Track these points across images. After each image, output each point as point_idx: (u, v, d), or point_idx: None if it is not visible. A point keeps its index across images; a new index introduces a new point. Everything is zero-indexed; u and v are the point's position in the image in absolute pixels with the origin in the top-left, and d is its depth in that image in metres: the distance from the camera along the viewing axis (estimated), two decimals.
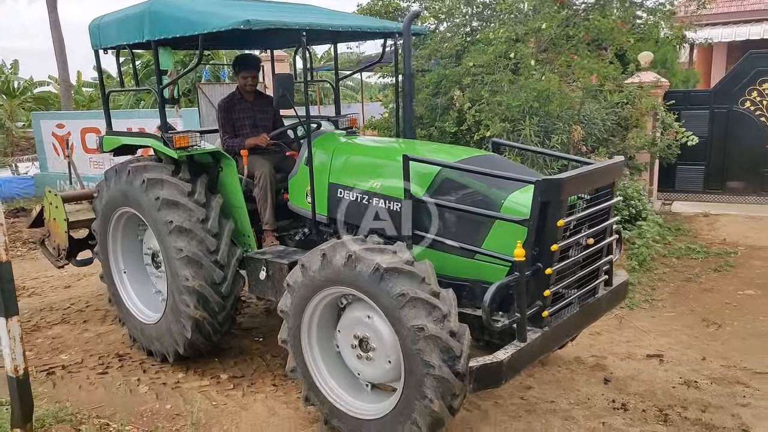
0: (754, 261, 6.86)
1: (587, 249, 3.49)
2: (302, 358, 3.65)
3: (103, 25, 4.78)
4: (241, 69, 5.01)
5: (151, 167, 4.49)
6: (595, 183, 3.46)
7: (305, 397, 3.72)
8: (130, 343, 5.13)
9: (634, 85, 9.18)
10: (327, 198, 4.18)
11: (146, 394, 4.34)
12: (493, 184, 3.50)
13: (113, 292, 5.15)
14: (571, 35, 7.89)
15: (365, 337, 3.40)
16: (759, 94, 9.18)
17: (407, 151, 3.72)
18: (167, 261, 4.37)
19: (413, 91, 4.58)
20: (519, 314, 3.09)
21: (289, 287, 3.58)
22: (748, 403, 3.88)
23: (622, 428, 3.64)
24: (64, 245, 5.74)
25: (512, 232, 3.19)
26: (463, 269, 3.51)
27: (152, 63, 18.25)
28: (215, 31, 3.83)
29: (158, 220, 4.32)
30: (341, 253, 3.28)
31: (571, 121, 7.41)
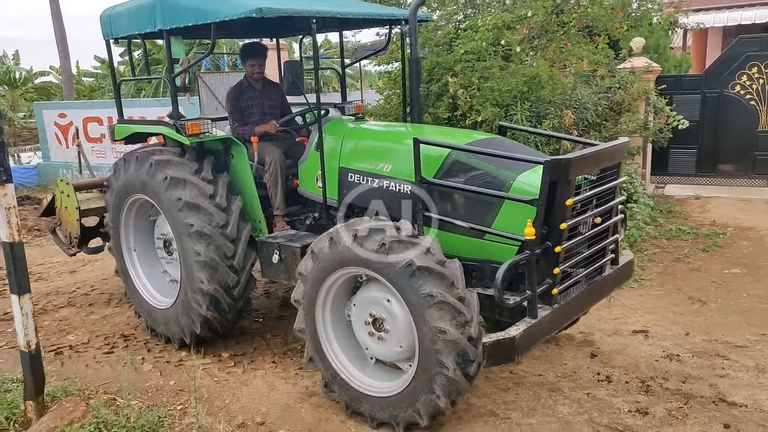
0: (741, 241, 7.03)
1: (594, 228, 3.58)
2: (314, 323, 3.73)
3: (115, 15, 4.85)
4: (248, 57, 5.06)
5: (174, 163, 4.50)
6: (601, 163, 3.53)
7: (309, 358, 3.83)
8: (134, 317, 5.31)
9: (626, 70, 9.30)
10: (338, 182, 4.26)
11: (151, 372, 4.52)
12: (501, 165, 3.57)
13: (122, 268, 5.23)
14: (565, 22, 8.00)
15: (381, 318, 3.49)
16: (749, 78, 9.30)
17: (416, 134, 3.80)
18: (183, 258, 4.46)
19: (420, 77, 4.62)
20: (530, 291, 3.17)
21: (313, 254, 3.60)
22: (726, 374, 4.06)
23: (606, 398, 3.82)
24: (76, 233, 5.83)
25: (521, 211, 3.28)
26: (473, 249, 3.60)
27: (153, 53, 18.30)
28: (227, 19, 3.88)
29: (178, 220, 4.37)
30: (375, 238, 3.31)
31: (562, 106, 7.54)
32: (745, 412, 3.60)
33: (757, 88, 9.30)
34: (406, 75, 5.04)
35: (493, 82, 7.02)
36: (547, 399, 3.85)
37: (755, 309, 5.18)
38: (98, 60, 23.15)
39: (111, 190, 5.03)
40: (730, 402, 3.70)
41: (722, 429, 3.43)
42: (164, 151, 4.60)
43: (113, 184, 4.97)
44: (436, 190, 3.66)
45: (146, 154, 4.61)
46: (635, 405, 3.71)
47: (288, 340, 4.95)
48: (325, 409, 3.86)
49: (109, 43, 5.08)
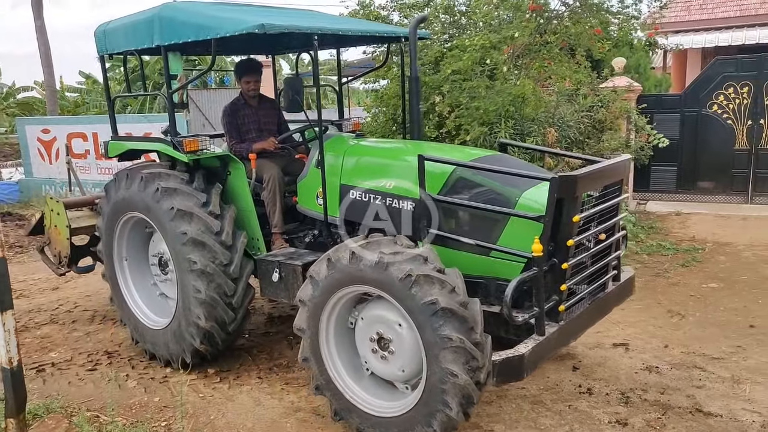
0: (719, 256, 7.17)
1: (599, 244, 3.58)
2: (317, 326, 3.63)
3: (110, 30, 4.79)
4: (244, 74, 5.04)
5: (165, 175, 4.46)
6: (606, 180, 3.54)
7: (304, 358, 3.75)
8: (131, 343, 5.13)
9: (608, 89, 9.51)
10: (338, 199, 4.21)
11: (135, 388, 4.50)
12: (505, 182, 3.58)
13: (116, 293, 5.11)
14: (548, 42, 8.18)
15: (388, 339, 3.44)
16: (725, 98, 9.54)
17: (418, 151, 3.80)
18: (181, 289, 4.39)
19: (420, 94, 4.63)
20: (537, 308, 3.16)
21: (330, 262, 3.49)
22: (703, 385, 4.14)
23: (587, 410, 3.88)
24: (66, 252, 5.72)
25: (527, 228, 3.28)
26: (477, 266, 3.57)
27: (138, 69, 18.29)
28: (228, 35, 3.86)
29: (181, 253, 4.29)
30: (371, 255, 3.28)
31: (546, 123, 7.69)
32: (721, 422, 3.68)
33: (733, 108, 9.53)
34: (405, 92, 5.00)
35: (479, 101, 7.16)
36: (529, 411, 3.90)
37: (731, 322, 5.29)
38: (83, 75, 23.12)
39: (108, 203, 4.91)
40: (707, 412, 3.78)
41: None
42: (171, 176, 4.47)
43: (111, 197, 4.87)
44: (440, 207, 3.64)
45: (151, 176, 4.48)
46: (615, 416, 3.78)
47: (274, 356, 4.96)
48: (311, 423, 3.88)
49: (103, 59, 5.04)
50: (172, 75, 4.50)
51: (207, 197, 4.37)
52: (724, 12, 14.49)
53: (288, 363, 4.80)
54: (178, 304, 4.47)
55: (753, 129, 9.44)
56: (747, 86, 9.36)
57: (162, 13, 4.28)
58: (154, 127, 11.41)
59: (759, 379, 4.22)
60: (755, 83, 9.30)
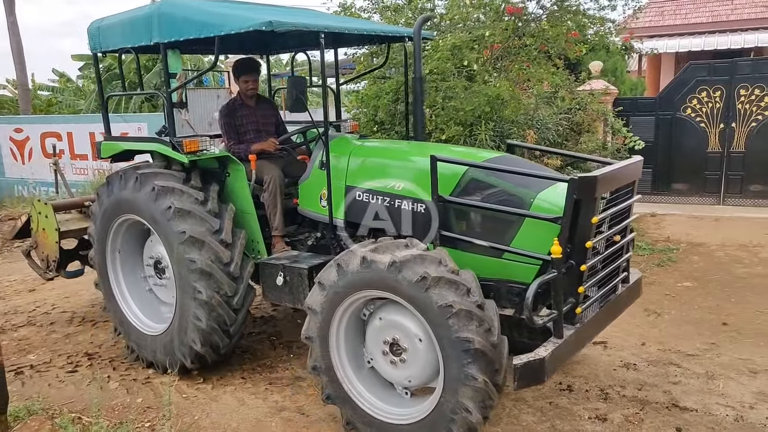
0: (693, 256, 7.35)
1: (613, 246, 3.55)
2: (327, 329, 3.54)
3: (104, 27, 4.65)
4: (242, 73, 4.92)
5: (161, 175, 4.35)
6: (621, 181, 3.50)
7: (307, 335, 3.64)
8: (126, 354, 4.94)
9: (585, 92, 9.69)
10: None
11: (117, 390, 4.47)
12: (519, 183, 3.53)
13: (110, 300, 4.95)
14: (527, 44, 8.31)
15: (403, 348, 3.37)
16: (699, 102, 9.77)
17: (424, 152, 3.75)
18: (178, 272, 4.26)
19: (423, 94, 4.56)
20: (555, 311, 3.12)
21: (340, 268, 3.40)
22: (678, 381, 4.26)
23: (567, 407, 3.96)
24: (55, 256, 5.53)
25: (542, 230, 3.26)
26: (490, 269, 3.51)
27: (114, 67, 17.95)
28: (233, 33, 3.76)
29: (169, 230, 4.18)
30: (383, 258, 3.22)
31: (525, 125, 7.80)
32: (696, 416, 3.79)
33: (706, 111, 9.77)
34: (409, 92, 4.91)
35: (456, 102, 7.24)
36: (512, 408, 3.97)
37: (705, 320, 5.43)
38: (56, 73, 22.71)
39: (100, 207, 4.75)
40: (682, 407, 3.89)
41: None
42: (167, 175, 4.35)
43: (104, 200, 4.71)
44: (452, 209, 3.59)
45: (146, 176, 4.37)
46: (595, 412, 3.86)
47: (257, 356, 4.96)
48: (296, 422, 3.90)
49: (96, 57, 4.92)
50: (172, 73, 4.36)
51: (205, 195, 4.29)
52: (697, 18, 14.84)
53: (271, 363, 4.81)
54: (177, 307, 4.35)
55: (725, 132, 9.68)
56: (719, 90, 9.60)
57: (162, 10, 4.16)
58: (131, 127, 11.29)
59: (732, 374, 4.35)
60: (727, 87, 9.54)
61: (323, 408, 4.04)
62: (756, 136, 9.54)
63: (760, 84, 9.35)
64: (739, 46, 13.57)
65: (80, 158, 12.07)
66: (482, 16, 8.32)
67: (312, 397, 4.20)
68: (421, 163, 3.72)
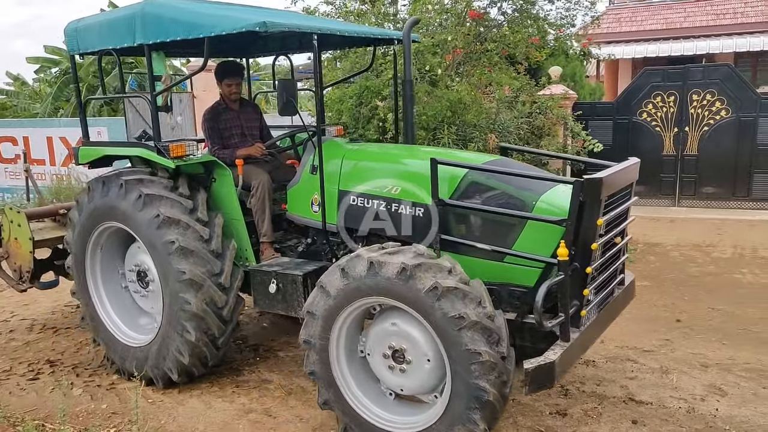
0: (650, 256, 7.61)
1: (614, 248, 3.55)
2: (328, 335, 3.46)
3: (83, 28, 4.47)
4: (225, 76, 4.80)
5: (147, 182, 4.19)
6: (623, 183, 3.49)
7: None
8: (107, 366, 4.78)
9: (545, 96, 9.92)
10: (337, 206, 4.05)
11: (81, 396, 4.42)
12: (520, 186, 3.49)
13: (90, 311, 4.75)
14: (489, 49, 8.48)
15: (402, 349, 3.32)
16: (654, 107, 10.12)
17: (420, 155, 3.71)
18: (165, 282, 4.12)
19: (413, 98, 4.49)
20: (562, 314, 3.09)
21: (344, 272, 3.30)
22: (635, 376, 4.43)
23: (529, 403, 4.08)
24: (28, 267, 5.25)
25: (545, 232, 3.24)
26: (491, 272, 3.46)
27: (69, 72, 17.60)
28: (224, 34, 3.65)
29: (156, 239, 4.04)
30: (392, 265, 3.13)
31: (487, 129, 7.96)
32: (651, 409, 3.95)
33: (661, 116, 10.12)
34: (398, 96, 4.84)
35: (419, 107, 7.34)
36: None
37: (660, 317, 5.65)
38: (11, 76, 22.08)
39: (80, 214, 4.57)
40: (638, 401, 4.05)
41: (631, 425, 3.76)
42: (154, 183, 4.19)
43: (84, 206, 4.53)
44: (452, 212, 3.55)
45: (132, 182, 4.20)
46: (555, 407, 3.99)
47: (224, 359, 4.94)
48: (263, 424, 3.92)
49: (74, 59, 4.77)
50: (156, 76, 4.23)
51: (194, 203, 4.17)
52: (652, 25, 15.34)
53: (238, 366, 4.81)
54: (164, 319, 4.21)
55: (679, 136, 10.05)
56: (673, 95, 9.96)
57: (146, 10, 4.02)
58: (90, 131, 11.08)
59: (684, 368, 4.54)
60: (680, 93, 9.91)
61: (290, 409, 4.07)
62: (708, 140, 9.93)
63: (711, 89, 9.74)
64: (692, 53, 14.08)
65: (37, 163, 11.77)
66: (444, 21, 8.46)
67: (279, 399, 4.23)
68: (418, 165, 3.70)
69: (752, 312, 5.74)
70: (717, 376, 4.40)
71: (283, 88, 3.88)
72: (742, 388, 4.21)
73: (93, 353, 5.13)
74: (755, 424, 3.75)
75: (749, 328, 5.38)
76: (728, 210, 9.91)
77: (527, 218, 3.33)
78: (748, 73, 15.07)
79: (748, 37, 13.82)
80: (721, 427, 3.72)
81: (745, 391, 4.16)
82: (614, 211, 3.42)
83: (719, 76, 9.73)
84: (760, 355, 4.76)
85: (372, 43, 5.07)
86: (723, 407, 3.95)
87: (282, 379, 4.55)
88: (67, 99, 16.99)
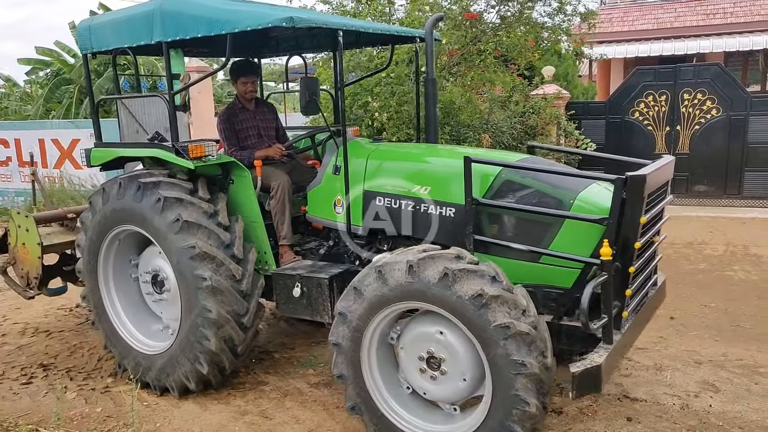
0: None
1: (650, 247, 3.47)
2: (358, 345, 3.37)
3: (96, 26, 4.38)
4: (241, 74, 4.70)
5: (167, 184, 4.05)
6: (661, 180, 3.39)
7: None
8: (119, 372, 4.65)
9: (538, 96, 9.97)
10: (362, 207, 3.95)
11: (75, 400, 4.39)
12: (555, 184, 3.40)
13: (101, 316, 4.62)
14: (482, 50, 8.52)
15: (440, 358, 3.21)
16: (646, 106, 10.18)
17: (448, 154, 3.62)
18: (184, 288, 3.98)
19: (437, 96, 4.42)
20: (605, 315, 3.00)
21: (381, 274, 3.18)
22: (629, 373, 4.45)
23: None
24: (36, 273, 5.10)
25: (584, 232, 3.16)
26: (526, 274, 3.36)
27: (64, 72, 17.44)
28: (249, 29, 3.54)
29: (175, 244, 3.91)
30: (433, 270, 3.02)
31: (480, 129, 8.00)
32: (645, 406, 3.97)
33: (653, 115, 10.18)
34: (420, 94, 4.78)
35: (411, 107, 7.37)
36: None
37: (654, 315, 5.66)
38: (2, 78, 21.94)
39: (93, 216, 4.43)
40: (633, 398, 4.07)
41: (625, 422, 3.78)
42: (173, 185, 4.06)
43: (98, 208, 4.38)
44: (485, 212, 3.45)
45: (151, 185, 4.06)
46: (552, 406, 3.99)
47: None
48: (259, 426, 3.92)
49: (86, 58, 4.62)
50: (174, 74, 4.12)
51: (215, 207, 4.06)
52: (643, 25, 15.43)
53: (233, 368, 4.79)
54: (182, 326, 4.08)
55: (671, 134, 10.12)
56: (665, 95, 10.02)
57: (165, 6, 3.91)
58: (83, 133, 11.03)
59: (678, 366, 4.57)
60: (672, 92, 9.98)
61: (286, 411, 4.07)
62: (699, 139, 10.00)
63: (702, 89, 9.81)
64: (683, 53, 14.17)
65: (28, 165, 11.72)
66: (441, 24, 8.49)
67: (275, 401, 4.23)
68: (449, 164, 3.65)
69: (744, 309, 5.79)
70: (710, 373, 4.43)
71: (306, 87, 3.77)
72: (735, 384, 4.24)
73: (87, 356, 5.11)
74: (748, 419, 3.78)
75: (741, 324, 5.42)
76: (720, 208, 9.99)
77: (567, 217, 3.23)
78: (738, 72, 15.20)
79: (738, 37, 13.93)
80: (715, 423, 3.74)
81: (738, 387, 4.20)
82: (654, 209, 3.35)
83: (710, 76, 9.81)
84: (752, 352, 4.80)
85: (393, 41, 4.96)
86: (716, 403, 3.98)
87: (278, 380, 4.54)
88: (59, 101, 16.90)
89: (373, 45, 5.36)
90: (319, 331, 5.42)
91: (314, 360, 4.87)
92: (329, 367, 4.64)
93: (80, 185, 10.95)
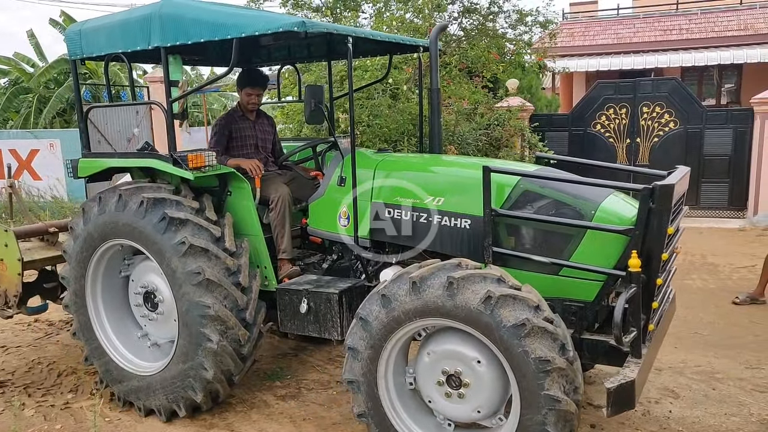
0: None
1: (672, 258, 3.41)
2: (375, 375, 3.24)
3: (87, 31, 4.19)
4: (248, 84, 4.59)
5: (172, 202, 3.83)
6: (682, 190, 3.34)
7: None
8: (100, 389, 4.46)
9: (503, 108, 10.15)
10: (369, 219, 3.79)
11: (33, 417, 4.26)
12: (575, 194, 3.31)
13: (86, 330, 4.35)
14: (448, 63, 8.65)
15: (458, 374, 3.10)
16: (607, 118, 10.46)
17: (459, 165, 3.58)
18: (184, 313, 3.78)
19: (440, 106, 4.32)
20: (634, 329, 2.93)
21: (415, 285, 3.02)
22: (593, 381, 4.53)
23: None
24: (15, 291, 4.76)
25: (606, 243, 3.08)
26: (546, 286, 3.21)
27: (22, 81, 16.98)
28: (257, 34, 3.43)
29: (178, 267, 3.71)
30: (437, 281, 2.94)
31: (446, 141, 8.09)
32: None
33: (614, 127, 10.46)
34: (424, 104, 4.68)
35: (381, 120, 7.43)
36: None
37: None
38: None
39: (85, 225, 4.17)
40: (596, 405, 4.15)
41: (589, 429, 3.85)
42: (179, 204, 3.84)
43: (91, 218, 4.13)
44: (503, 223, 3.35)
45: (155, 201, 3.85)
46: None
47: None
48: None
49: (75, 64, 4.42)
50: (173, 81, 3.95)
51: (221, 231, 3.86)
52: (604, 39, 15.86)
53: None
54: (177, 351, 3.90)
55: (631, 147, 10.40)
56: (625, 108, 10.31)
57: (164, 10, 3.74)
58: (42, 143, 10.80)
59: None
60: (632, 105, 10.28)
61: (252, 424, 4.03)
62: (658, 150, 10.30)
63: (660, 102, 10.12)
64: (642, 66, 14.62)
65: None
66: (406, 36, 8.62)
67: (241, 414, 4.18)
68: (461, 175, 3.60)
69: (702, 316, 5.96)
70: (670, 379, 4.55)
71: (312, 95, 3.68)
72: (694, 390, 4.36)
73: (45, 372, 4.97)
74: (706, 424, 3.89)
75: (699, 331, 5.58)
76: None
77: (590, 228, 3.13)
78: (694, 86, 15.73)
79: (694, 53, 14.43)
80: (675, 428, 3.84)
81: (696, 393, 4.32)
82: (677, 219, 3.29)
83: (667, 90, 10.13)
84: (709, 358, 4.95)
85: (395, 50, 4.89)
86: (676, 409, 4.09)
87: (244, 393, 4.49)
88: (17, 110, 16.49)
89: (373, 55, 5.31)
90: (285, 343, 5.39)
91: (280, 372, 4.83)
92: (296, 380, 4.65)
93: (39, 196, 10.68)
